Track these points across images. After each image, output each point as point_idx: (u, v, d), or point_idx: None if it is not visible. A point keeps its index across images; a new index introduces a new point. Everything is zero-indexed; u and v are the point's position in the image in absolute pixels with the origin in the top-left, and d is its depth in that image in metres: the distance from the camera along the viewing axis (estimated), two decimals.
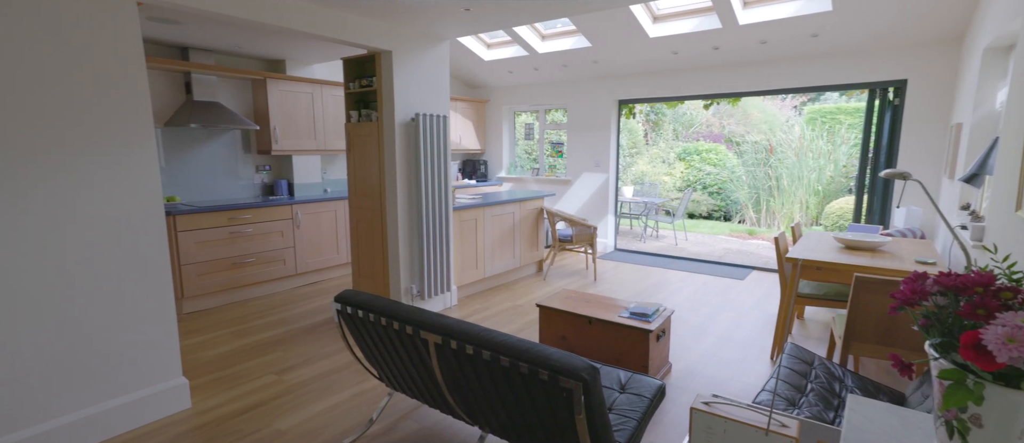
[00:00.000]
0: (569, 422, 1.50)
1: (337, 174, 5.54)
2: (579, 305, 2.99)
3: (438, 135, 3.77)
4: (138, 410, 2.32)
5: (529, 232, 5.12)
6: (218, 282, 4.09)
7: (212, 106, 4.20)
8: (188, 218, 3.86)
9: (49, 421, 2.07)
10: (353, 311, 2.04)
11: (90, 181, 2.11)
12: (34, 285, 1.99)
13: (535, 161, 7.69)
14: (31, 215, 1.96)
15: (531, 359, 1.48)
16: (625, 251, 6.43)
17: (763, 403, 1.72)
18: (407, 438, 2.26)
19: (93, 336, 2.17)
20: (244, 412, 2.47)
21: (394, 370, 2.12)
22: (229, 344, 3.34)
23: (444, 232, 3.92)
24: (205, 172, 4.48)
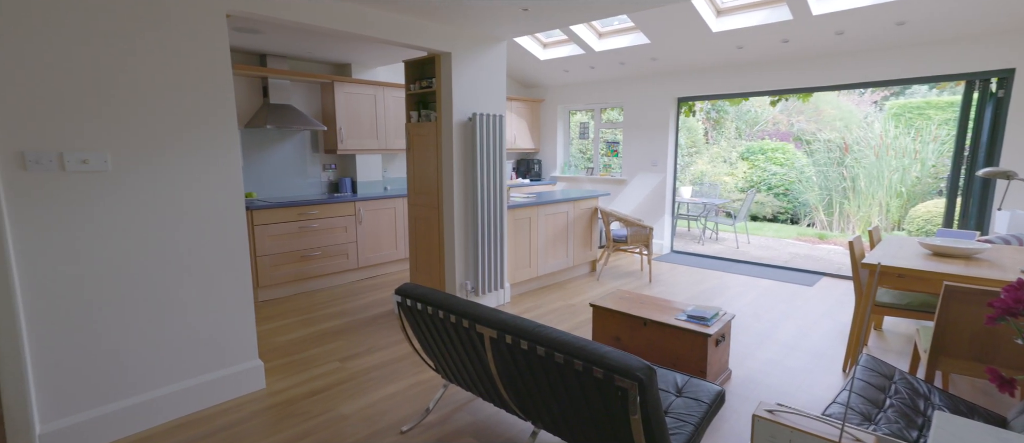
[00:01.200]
0: (623, 422, 1.49)
1: (396, 173, 5.76)
2: (634, 306, 2.94)
3: (494, 134, 3.83)
4: (221, 387, 2.54)
5: (583, 232, 5.08)
6: (288, 273, 4.38)
7: (286, 109, 4.51)
8: (263, 213, 4.16)
9: (150, 392, 2.31)
10: (412, 303, 2.12)
11: (185, 178, 2.33)
12: (140, 270, 2.23)
13: (589, 160, 7.61)
14: (139, 207, 2.20)
15: (586, 357, 1.49)
16: (682, 253, 6.23)
17: (835, 416, 1.62)
18: (462, 429, 2.33)
19: (186, 317, 2.40)
20: (311, 395, 2.64)
21: (450, 362, 2.19)
22: (297, 331, 3.57)
23: (498, 230, 3.98)
24: (278, 170, 4.81)
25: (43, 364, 2.02)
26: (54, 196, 1.98)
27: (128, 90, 2.13)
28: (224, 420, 2.39)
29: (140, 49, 2.15)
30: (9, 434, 1.99)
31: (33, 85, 1.91)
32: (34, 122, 1.92)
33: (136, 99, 2.16)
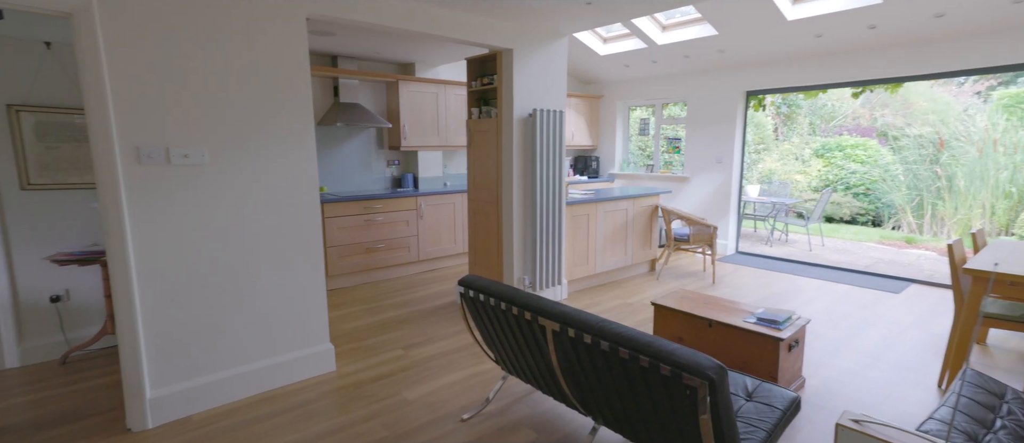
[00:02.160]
0: (691, 422, 1.45)
1: (456, 169, 5.90)
2: (698, 306, 2.84)
3: (554, 130, 3.82)
4: (297, 367, 2.72)
5: (642, 230, 4.96)
6: (355, 264, 4.61)
7: (354, 107, 4.74)
8: (333, 206, 4.40)
9: (238, 367, 2.52)
10: (475, 295, 2.17)
11: (268, 171, 2.52)
12: (230, 254, 2.44)
13: (649, 157, 7.41)
14: (230, 197, 2.40)
15: (652, 353, 1.46)
16: (747, 254, 5.92)
17: (933, 433, 1.48)
18: (520, 421, 2.35)
19: (268, 300, 2.59)
20: (377, 379, 2.77)
21: (510, 354, 2.22)
22: (363, 319, 3.75)
23: (557, 226, 3.97)
24: (346, 166, 5.06)
25: (153, 338, 2.26)
26: (161, 186, 2.21)
27: (222, 92, 2.33)
28: (300, 398, 2.56)
29: (231, 54, 2.34)
30: (127, 397, 2.25)
31: (147, 90, 2.13)
32: (147, 122, 2.14)
33: (228, 100, 2.35)
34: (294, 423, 2.32)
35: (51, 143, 2.88)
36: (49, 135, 2.87)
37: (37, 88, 2.83)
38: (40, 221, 2.90)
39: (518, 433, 2.25)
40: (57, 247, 2.96)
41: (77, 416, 2.37)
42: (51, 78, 2.87)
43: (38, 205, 2.89)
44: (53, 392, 2.60)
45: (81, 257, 2.76)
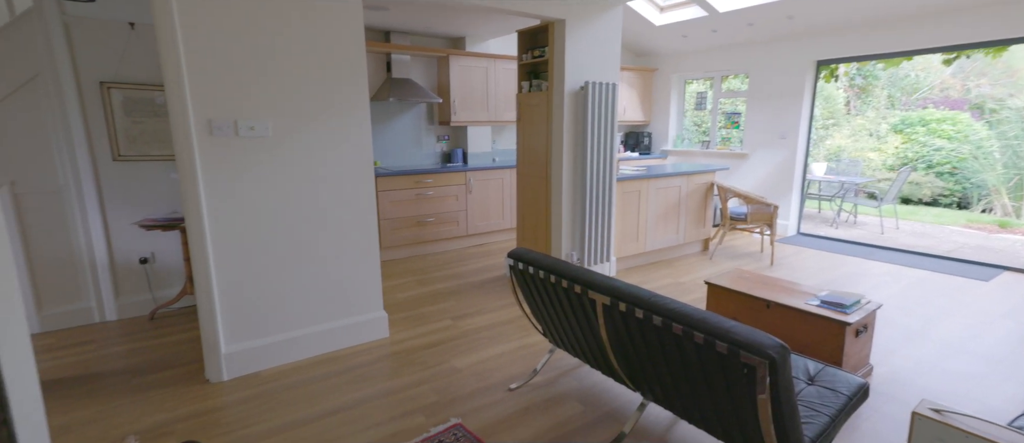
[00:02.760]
0: (747, 402, 1.40)
1: (505, 144, 5.89)
2: (755, 287, 2.72)
3: (606, 103, 3.72)
4: (353, 332, 2.87)
5: (696, 208, 4.78)
6: (406, 237, 4.75)
7: (406, 82, 4.81)
8: (385, 180, 4.54)
9: (300, 329, 2.69)
10: (524, 267, 2.18)
11: (326, 144, 2.61)
12: (291, 222, 2.57)
13: (705, 133, 7.07)
14: (290, 168, 2.52)
15: (708, 330, 1.41)
16: (810, 236, 5.58)
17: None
18: (567, 394, 2.37)
19: (326, 267, 2.73)
20: (428, 347, 2.87)
21: (559, 327, 2.23)
22: (414, 290, 3.88)
23: (607, 202, 3.90)
24: (397, 141, 5.18)
25: (226, 299, 2.44)
26: (230, 157, 2.35)
27: (284, 68, 2.43)
28: (356, 361, 2.70)
29: (292, 31, 2.42)
30: (206, 351, 2.46)
31: (217, 67, 2.25)
32: (218, 96, 2.27)
33: (289, 75, 2.45)
34: (352, 384, 2.46)
35: (137, 118, 3.13)
36: (135, 110, 3.12)
37: (124, 66, 3.06)
38: (129, 189, 3.18)
39: (565, 405, 2.27)
40: (144, 213, 3.24)
41: (164, 366, 2.62)
42: (135, 57, 3.09)
43: (127, 175, 3.16)
44: (144, 344, 2.89)
45: (164, 223, 3.01)
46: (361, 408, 2.24)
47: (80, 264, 3.07)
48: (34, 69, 2.81)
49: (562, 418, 2.17)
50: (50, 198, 2.94)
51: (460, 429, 2.07)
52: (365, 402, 2.29)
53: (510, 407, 2.25)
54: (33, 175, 2.88)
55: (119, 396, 2.33)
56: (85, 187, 3.01)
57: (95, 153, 3.04)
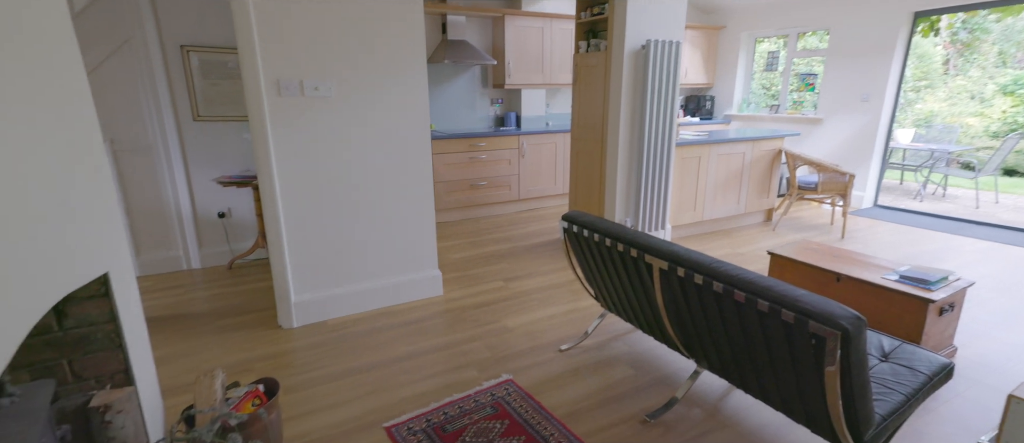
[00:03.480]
0: (813, 373, 1.34)
1: (559, 108, 5.78)
2: (824, 259, 2.56)
3: (668, 63, 3.53)
4: (410, 288, 2.99)
5: (760, 176, 4.52)
6: (459, 200, 4.83)
7: (461, 44, 4.78)
8: (440, 143, 4.59)
9: (361, 283, 2.84)
10: (578, 230, 2.16)
11: (385, 105, 2.67)
12: (353, 181, 2.68)
13: (774, 97, 6.58)
14: (353, 127, 2.61)
15: (775, 298, 1.35)
16: (889, 208, 5.15)
17: None
18: (618, 357, 2.37)
19: (385, 225, 2.83)
20: (480, 306, 2.94)
21: (612, 291, 2.21)
22: (466, 252, 3.97)
23: (664, 167, 3.76)
24: (452, 104, 5.20)
25: (296, 252, 2.60)
26: (296, 115, 2.45)
27: (345, 29, 2.47)
28: (412, 315, 2.82)
29: None
30: (278, 299, 2.66)
31: (284, 29, 2.33)
32: (285, 57, 2.36)
33: (351, 37, 2.49)
34: (409, 336, 2.58)
35: (213, 80, 3.32)
36: (211, 73, 3.31)
37: (201, 30, 3.24)
38: (208, 148, 3.42)
39: (615, 368, 2.28)
40: (220, 171, 3.49)
41: (242, 311, 2.86)
42: (211, 21, 3.25)
43: (206, 134, 3.40)
44: (224, 290, 3.16)
45: (238, 180, 3.22)
46: (418, 359, 2.36)
47: (169, 216, 3.37)
48: (125, 34, 3.03)
49: (612, 380, 2.18)
50: (142, 155, 3.22)
51: (511, 385, 2.13)
52: (421, 354, 2.40)
53: (560, 367, 2.29)
54: (128, 133, 3.15)
55: (206, 335, 2.58)
56: (171, 145, 3.26)
57: (178, 113, 3.28)
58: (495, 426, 1.86)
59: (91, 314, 1.23)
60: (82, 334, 1.23)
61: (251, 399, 1.58)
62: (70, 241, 1.06)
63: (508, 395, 2.05)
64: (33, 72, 0.98)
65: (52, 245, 0.97)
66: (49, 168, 1.00)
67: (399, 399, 2.05)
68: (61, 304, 1.20)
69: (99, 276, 1.21)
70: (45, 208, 0.95)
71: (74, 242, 1.07)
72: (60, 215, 1.02)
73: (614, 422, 1.91)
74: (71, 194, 1.08)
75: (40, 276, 0.90)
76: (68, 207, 1.06)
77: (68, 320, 1.21)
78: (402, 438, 1.79)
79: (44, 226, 0.94)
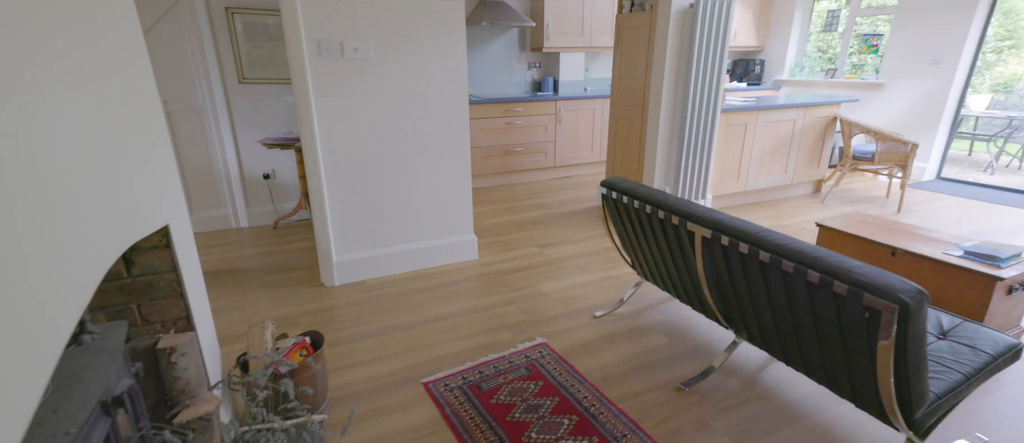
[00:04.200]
0: (863, 347, 1.28)
1: (598, 72, 5.60)
2: (878, 232, 2.42)
3: (718, 24, 3.33)
4: (445, 252, 3.03)
5: (811, 144, 4.28)
6: (494, 166, 4.82)
7: (499, 5, 4.66)
8: (476, 107, 4.55)
9: (399, 246, 2.90)
10: (618, 196, 2.11)
11: (423, 67, 2.64)
12: (391, 142, 2.70)
13: (831, 60, 6.14)
14: (391, 89, 2.61)
15: (827, 269, 1.28)
16: (954, 181, 4.79)
17: None
18: (653, 325, 2.35)
19: (422, 188, 2.86)
20: (515, 271, 2.96)
21: (650, 260, 2.17)
22: (502, 217, 3.98)
23: (708, 135, 3.61)
24: (489, 68, 5.12)
25: (336, 213, 2.68)
26: (336, 77, 2.47)
27: None
28: (449, 278, 2.88)
29: None
30: (320, 258, 2.76)
31: None
32: (326, 18, 2.36)
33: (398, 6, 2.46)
34: (445, 298, 2.64)
35: (256, 42, 3.38)
36: (254, 35, 3.36)
37: None
38: (252, 110, 3.51)
39: (650, 336, 2.26)
40: (265, 133, 3.59)
41: (287, 269, 2.99)
42: None
43: (251, 96, 3.49)
44: (270, 248, 3.30)
45: (281, 142, 3.31)
46: (454, 320, 2.41)
47: (218, 176, 3.52)
48: None
49: (647, 348, 2.17)
50: (193, 116, 3.34)
51: (545, 348, 2.15)
52: (457, 315, 2.46)
53: (594, 332, 2.29)
54: (179, 95, 3.27)
55: (254, 290, 2.72)
56: (218, 107, 3.37)
57: (225, 75, 3.36)
58: (529, 386, 1.89)
59: (154, 263, 1.31)
60: (147, 281, 1.31)
61: (299, 349, 1.66)
62: (135, 194, 1.11)
63: (542, 357, 2.08)
64: (97, 34, 1.02)
65: (120, 198, 1.03)
66: (114, 126, 1.04)
67: (436, 357, 2.11)
68: (128, 253, 1.28)
69: (161, 228, 1.28)
70: (112, 163, 1.00)
71: (138, 195, 1.13)
72: (125, 170, 1.07)
73: (647, 388, 1.91)
74: (134, 151, 1.13)
75: (111, 225, 0.96)
76: (132, 163, 1.11)
77: (135, 268, 1.29)
78: (439, 394, 1.86)
79: (112, 180, 0.99)
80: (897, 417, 1.30)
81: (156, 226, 1.23)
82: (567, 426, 1.69)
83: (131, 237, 1.08)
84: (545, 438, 1.64)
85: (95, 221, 0.88)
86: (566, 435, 1.65)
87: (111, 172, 0.99)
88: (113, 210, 0.98)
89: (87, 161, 0.89)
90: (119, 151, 1.05)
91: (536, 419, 1.72)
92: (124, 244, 1.03)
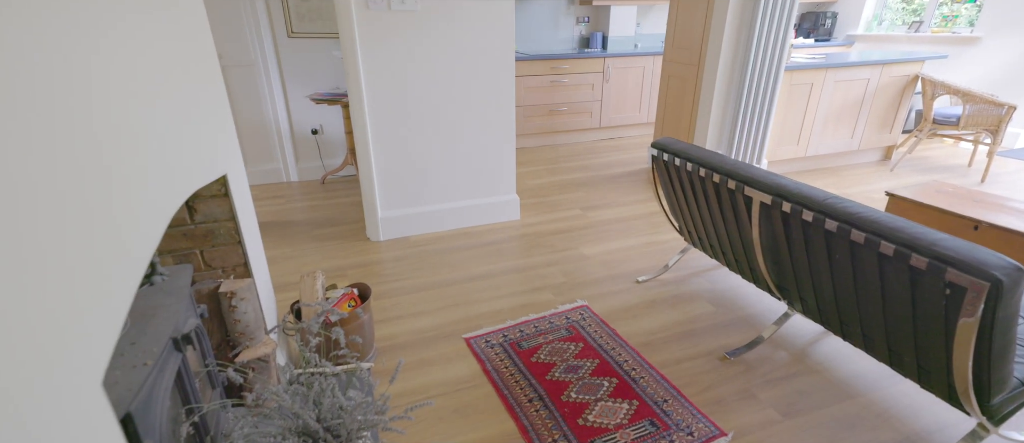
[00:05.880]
0: (939, 326, 1.18)
1: (650, 28, 5.29)
2: (959, 203, 2.20)
3: None
4: (488, 211, 3.03)
5: (885, 107, 3.92)
6: (538, 125, 4.72)
7: None
8: (522, 65, 4.43)
9: (442, 204, 2.92)
10: (669, 158, 2.01)
11: (470, 21, 2.56)
12: (437, 99, 2.67)
13: (916, 12, 5.52)
14: (437, 44, 2.55)
15: (905, 241, 1.18)
16: None
17: None
18: (698, 293, 2.28)
19: (466, 146, 2.84)
20: (557, 233, 2.93)
21: (701, 225, 2.08)
22: (545, 178, 3.92)
23: (768, 96, 3.36)
24: (535, 23, 4.93)
25: (382, 169, 2.71)
26: (383, 30, 2.44)
27: None
28: (490, 237, 2.88)
29: None
30: (366, 213, 2.82)
31: None
32: None
33: None
34: (487, 256, 2.65)
35: None
36: None
37: None
38: (301, 64, 3.56)
39: (695, 303, 2.20)
40: (313, 88, 3.64)
41: (334, 223, 3.09)
42: None
43: (300, 50, 3.52)
44: (318, 203, 3.41)
45: (329, 98, 3.35)
46: (496, 278, 2.43)
47: (269, 131, 3.62)
48: None
49: (691, 315, 2.12)
50: (245, 71, 3.42)
51: (586, 310, 2.14)
52: (499, 274, 2.47)
53: (636, 297, 2.25)
54: (231, 49, 3.35)
55: (305, 242, 2.83)
56: (269, 61, 3.43)
57: (275, 29, 3.40)
58: (569, 347, 1.89)
59: (215, 211, 1.36)
60: (209, 229, 1.37)
61: (347, 300, 1.72)
62: (195, 144, 1.14)
63: (583, 319, 2.07)
64: None
65: (182, 147, 1.05)
66: (175, 77, 1.06)
67: (477, 314, 2.14)
68: (191, 200, 1.33)
69: (219, 177, 1.32)
70: (174, 115, 1.02)
71: (198, 145, 1.16)
72: (186, 121, 1.09)
73: (691, 356, 1.87)
74: (193, 103, 1.16)
75: (174, 173, 0.99)
76: (192, 114, 1.14)
77: (197, 215, 1.35)
78: (480, 349, 1.89)
79: (174, 130, 1.01)
80: (971, 401, 1.21)
81: (216, 175, 1.27)
82: (607, 388, 1.69)
83: (193, 185, 1.12)
84: (584, 398, 1.64)
85: (160, 169, 0.91)
86: (606, 396, 1.65)
87: (173, 123, 1.02)
88: (176, 159, 1.01)
89: (152, 113, 0.91)
90: (180, 103, 1.07)
91: (576, 379, 1.73)
92: (187, 191, 1.07)
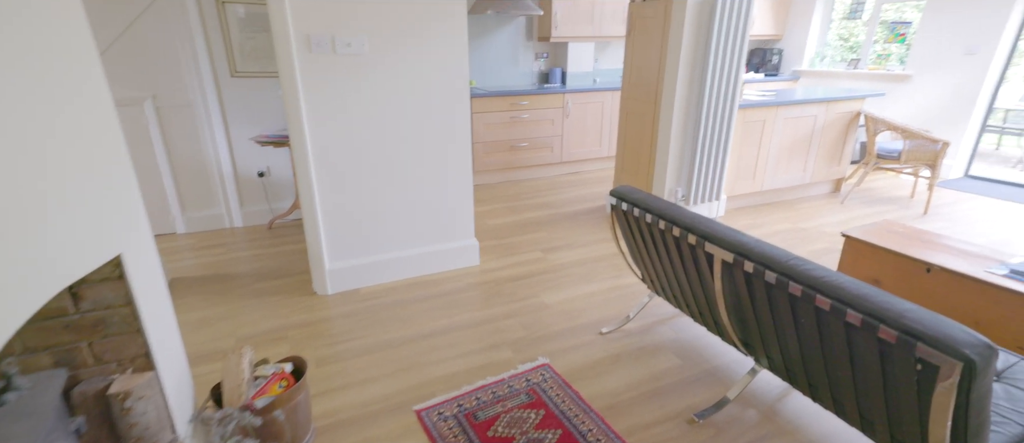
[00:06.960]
0: (911, 398, 1.12)
1: (608, 63, 5.37)
2: (910, 244, 2.23)
3: (738, 12, 3.11)
4: (445, 258, 2.88)
5: (832, 142, 4.05)
6: (498, 162, 4.64)
7: None
8: (480, 101, 4.36)
9: (395, 252, 2.75)
10: (628, 208, 1.94)
11: (421, 61, 2.46)
12: (387, 143, 2.54)
13: (854, 50, 5.85)
14: (386, 86, 2.44)
15: (872, 311, 1.11)
16: (983, 180, 4.55)
17: None
18: (663, 345, 2.19)
19: (420, 192, 2.70)
20: (517, 279, 2.81)
21: (663, 276, 2.01)
22: (505, 217, 3.81)
23: (723, 132, 3.41)
24: (493, 59, 4.91)
25: (329, 217, 2.53)
26: (328, 74, 2.30)
27: None
28: (447, 286, 2.73)
29: None
30: (312, 265, 2.62)
31: None
32: (316, 11, 2.19)
33: None
34: (443, 309, 2.49)
35: (249, 33, 3.21)
36: (247, 26, 3.19)
37: None
38: (246, 105, 3.36)
39: (660, 357, 2.11)
40: (259, 129, 3.44)
41: (279, 274, 2.86)
42: None
43: (244, 90, 3.33)
44: (263, 251, 3.18)
45: (275, 139, 3.16)
46: (452, 335, 2.27)
47: (211, 174, 3.38)
48: None
49: (657, 371, 2.02)
50: (183, 111, 3.19)
51: (548, 370, 2.01)
52: (456, 329, 2.31)
53: (600, 352, 2.14)
54: (168, 90, 3.12)
55: (244, 298, 2.60)
56: (210, 101, 3.22)
57: (216, 68, 3.21)
58: (529, 416, 1.75)
59: (107, 296, 1.17)
60: (99, 317, 1.17)
61: (278, 381, 1.53)
62: (75, 222, 0.97)
63: (544, 381, 1.94)
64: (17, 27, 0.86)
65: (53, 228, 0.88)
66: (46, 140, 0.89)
67: (430, 378, 1.97)
68: (76, 286, 1.14)
69: (112, 259, 1.13)
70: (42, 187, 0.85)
71: (82, 225, 0.99)
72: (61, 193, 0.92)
73: (658, 419, 1.76)
74: (75, 169, 0.98)
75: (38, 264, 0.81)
76: (71, 184, 0.96)
77: (84, 303, 1.15)
78: (432, 423, 1.72)
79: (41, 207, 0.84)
80: None
81: (106, 257, 1.08)
82: None
83: (71, 273, 0.93)
84: None
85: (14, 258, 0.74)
86: None
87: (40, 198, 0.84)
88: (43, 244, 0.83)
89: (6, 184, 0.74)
90: (52, 171, 0.90)
91: None
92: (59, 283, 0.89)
